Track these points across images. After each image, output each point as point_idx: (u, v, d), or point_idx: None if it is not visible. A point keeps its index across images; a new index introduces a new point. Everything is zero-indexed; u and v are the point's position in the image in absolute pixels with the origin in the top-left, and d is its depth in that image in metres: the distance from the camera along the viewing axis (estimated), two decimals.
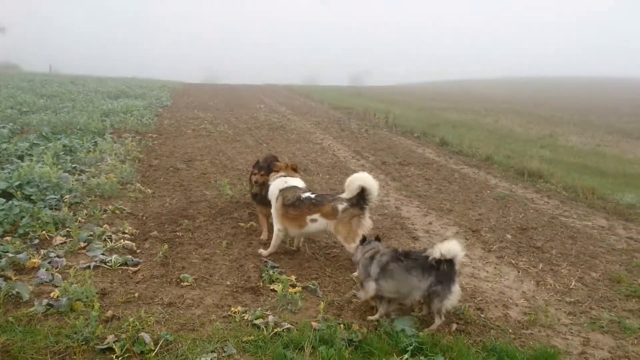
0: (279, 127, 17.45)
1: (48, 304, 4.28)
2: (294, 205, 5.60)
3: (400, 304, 4.53)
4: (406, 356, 3.72)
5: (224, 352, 3.68)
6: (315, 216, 5.53)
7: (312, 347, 3.72)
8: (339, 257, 5.95)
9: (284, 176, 5.97)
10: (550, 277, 5.68)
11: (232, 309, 4.46)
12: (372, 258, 4.50)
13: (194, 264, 5.51)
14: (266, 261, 5.60)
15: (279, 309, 4.51)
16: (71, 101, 20.14)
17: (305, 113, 23.37)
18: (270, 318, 4.22)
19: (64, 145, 10.69)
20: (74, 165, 9.23)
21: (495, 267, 5.92)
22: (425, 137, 16.65)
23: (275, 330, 4.04)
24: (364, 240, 4.81)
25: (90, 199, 7.43)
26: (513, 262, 6.09)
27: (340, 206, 5.48)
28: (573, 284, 5.51)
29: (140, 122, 15.62)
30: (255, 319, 4.22)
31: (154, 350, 3.64)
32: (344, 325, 4.21)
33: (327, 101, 30.57)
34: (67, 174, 8.26)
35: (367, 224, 5.55)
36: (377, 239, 4.83)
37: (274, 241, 5.84)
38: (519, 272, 5.81)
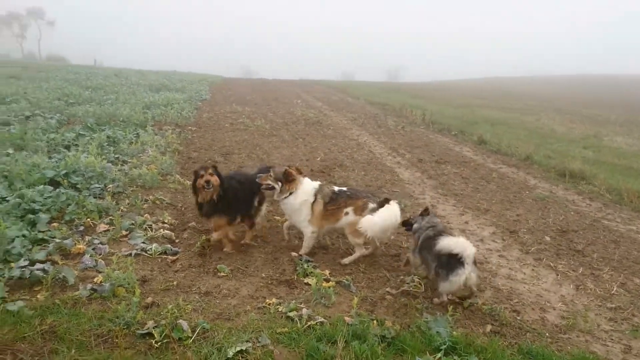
0: (316, 122, 17.52)
1: (92, 289, 4.46)
2: (332, 200, 5.58)
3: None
4: (439, 355, 3.71)
5: (259, 342, 3.75)
6: (349, 209, 5.52)
7: (345, 341, 3.75)
8: (373, 253, 5.94)
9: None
10: (591, 282, 5.53)
11: (267, 300, 4.54)
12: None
13: (230, 255, 5.62)
14: (301, 255, 5.66)
15: (313, 302, 4.56)
16: (115, 93, 20.75)
17: (341, 109, 23.36)
18: (304, 311, 4.27)
19: (108, 136, 11.04)
20: (117, 156, 9.54)
21: (532, 269, 5.80)
22: (462, 135, 16.40)
23: (309, 323, 4.09)
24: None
25: (132, 188, 7.67)
26: (552, 264, 5.95)
27: (371, 205, 5.49)
28: (615, 289, 5.35)
29: (180, 115, 15.96)
30: (289, 312, 4.28)
31: (191, 337, 3.75)
32: (377, 321, 4.22)
33: (364, 97, 30.47)
34: (110, 164, 8.55)
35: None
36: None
37: (309, 243, 5.70)
38: (557, 275, 5.68)
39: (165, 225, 6.31)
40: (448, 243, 4.57)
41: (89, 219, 6.12)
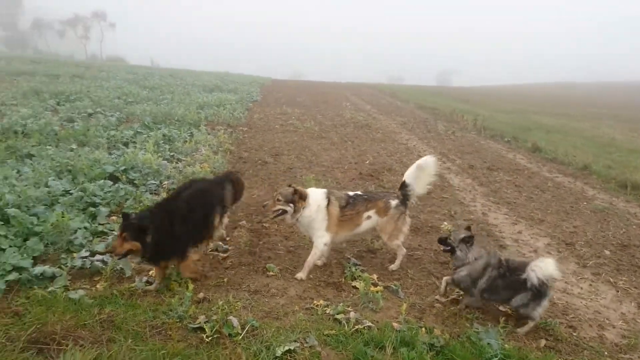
0: (364, 126, 17.47)
1: (147, 282, 4.63)
2: (349, 204, 5.35)
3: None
4: None
5: (306, 342, 3.77)
6: (370, 213, 5.40)
7: (393, 347, 3.71)
8: (422, 259, 5.87)
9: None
10: None
11: (315, 302, 4.56)
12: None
13: (279, 255, 5.69)
14: (349, 258, 5.66)
15: (360, 306, 4.55)
16: (170, 93, 21.46)
17: (390, 112, 23.20)
18: (352, 314, 4.26)
19: (164, 135, 11.43)
20: (172, 154, 9.86)
21: (590, 284, 5.55)
22: (516, 141, 15.92)
23: (356, 327, 4.08)
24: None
25: None
26: (611, 280, 5.68)
27: (393, 202, 5.43)
28: None
29: (232, 115, 16.31)
30: (337, 314, 4.28)
31: (241, 334, 3.82)
32: (426, 329, 4.16)
33: (413, 101, 30.15)
34: (165, 162, 8.84)
35: (409, 222, 5.62)
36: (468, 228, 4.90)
37: (316, 257, 5.26)
38: (617, 291, 5.41)
39: None
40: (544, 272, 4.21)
41: None
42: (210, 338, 3.76)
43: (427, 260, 5.83)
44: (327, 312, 4.36)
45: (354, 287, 4.96)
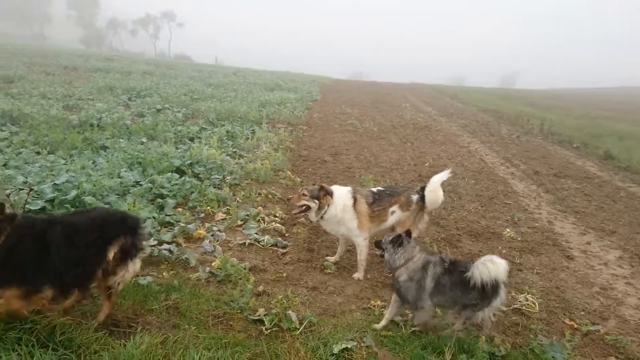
0: (424, 127, 17.22)
1: (210, 272, 4.80)
2: (376, 200, 5.32)
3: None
4: None
5: (363, 342, 3.77)
6: (395, 208, 5.38)
7: (451, 353, 3.65)
8: None
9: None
10: None
11: (372, 302, 4.57)
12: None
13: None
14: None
15: None
16: (233, 91, 22.04)
17: (451, 114, 22.71)
18: (410, 316, 4.23)
19: (227, 131, 11.77)
20: (234, 150, 10.14)
21: None
22: (585, 148, 15.14)
23: (414, 329, 4.04)
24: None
25: (247, 181, 8.10)
26: None
27: (414, 197, 5.40)
28: None
29: (293, 114, 16.54)
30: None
31: (299, 329, 3.88)
32: (485, 337, 4.05)
33: (475, 103, 29.34)
34: (228, 157, 9.11)
35: (427, 219, 5.58)
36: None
37: (364, 254, 5.23)
38: None
39: (277, 218, 6.58)
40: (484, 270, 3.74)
41: (209, 207, 6.57)
42: (269, 331, 3.85)
43: None
44: (384, 313, 4.34)
45: None
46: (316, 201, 5.12)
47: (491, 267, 3.70)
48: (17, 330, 3.13)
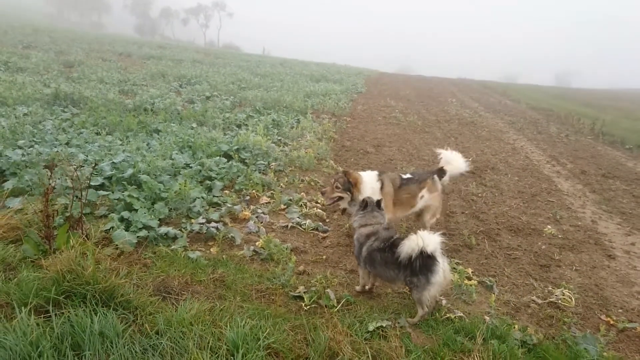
0: (469, 123, 17.01)
1: (254, 250, 5.06)
2: (404, 185, 5.43)
3: None
4: None
5: (398, 323, 3.93)
6: (423, 192, 5.53)
7: (483, 338, 3.75)
8: (520, 259, 5.75)
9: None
10: None
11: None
12: None
13: None
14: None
15: (453, 297, 4.61)
16: (280, 81, 22.39)
17: (498, 111, 22.28)
18: (444, 302, 4.35)
19: (273, 120, 12.08)
20: (279, 138, 10.42)
21: None
22: (639, 150, 14.59)
23: (448, 315, 4.17)
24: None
25: (290, 168, 8.35)
26: None
27: (436, 177, 5.61)
28: None
29: (337, 105, 16.70)
30: None
31: (337, 307, 4.08)
32: (519, 327, 4.13)
33: (525, 101, 28.58)
34: (274, 145, 9.39)
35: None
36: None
37: None
38: None
39: (318, 205, 6.79)
40: (411, 244, 3.81)
41: (254, 191, 6.86)
42: (308, 307, 4.06)
43: (525, 262, 5.70)
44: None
45: None
46: (348, 193, 5.28)
47: (417, 240, 3.75)
48: (82, 288, 3.47)
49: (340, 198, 5.33)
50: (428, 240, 3.76)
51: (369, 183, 5.31)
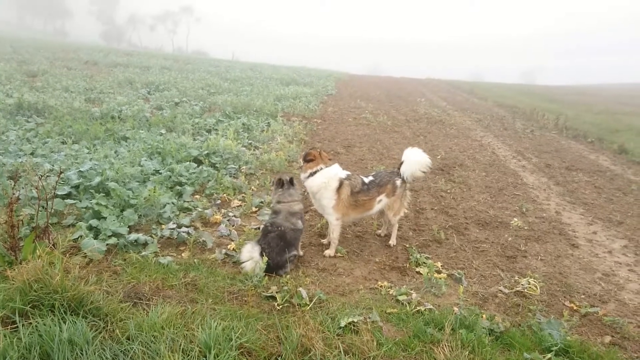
0: (438, 121, 17.31)
1: (226, 254, 5.07)
2: (364, 191, 5.51)
3: None
4: (550, 355, 3.66)
5: (369, 317, 4.00)
6: (382, 197, 5.66)
7: (452, 328, 3.85)
8: (488, 252, 5.91)
9: (324, 167, 5.47)
10: None
11: (379, 283, 4.79)
12: None
13: (348, 239, 5.97)
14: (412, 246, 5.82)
15: (423, 290, 4.71)
16: (250, 85, 22.37)
17: (466, 109, 22.72)
18: (414, 296, 4.45)
19: (243, 124, 12.09)
20: (250, 141, 10.43)
21: None
22: (600, 142, 15.10)
23: (418, 308, 4.26)
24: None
25: (262, 171, 8.38)
26: None
27: (398, 182, 5.74)
28: None
29: (307, 107, 16.78)
30: (399, 295, 4.48)
31: (309, 305, 4.12)
32: (486, 316, 4.26)
33: (492, 98, 29.19)
34: (244, 148, 9.40)
35: (409, 195, 6.06)
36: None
37: (336, 234, 5.44)
38: None
39: None
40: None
41: (225, 195, 6.86)
42: (281, 306, 4.10)
43: (493, 253, 5.86)
44: (390, 293, 4.57)
45: (418, 272, 5.13)
46: (302, 162, 5.59)
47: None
48: (50, 297, 3.43)
49: (300, 167, 5.65)
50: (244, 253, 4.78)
51: (329, 177, 5.36)
